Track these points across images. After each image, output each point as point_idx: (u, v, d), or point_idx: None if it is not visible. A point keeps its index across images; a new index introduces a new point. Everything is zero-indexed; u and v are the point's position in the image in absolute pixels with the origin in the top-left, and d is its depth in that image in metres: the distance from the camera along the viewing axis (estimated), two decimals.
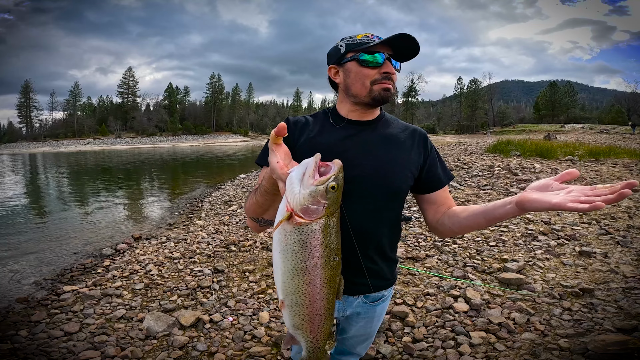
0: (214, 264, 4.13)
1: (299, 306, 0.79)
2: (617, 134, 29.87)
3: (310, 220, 0.73)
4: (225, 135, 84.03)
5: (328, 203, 0.73)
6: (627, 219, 4.90)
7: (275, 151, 0.84)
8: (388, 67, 1.08)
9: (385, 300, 1.25)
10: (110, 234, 6.30)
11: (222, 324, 2.81)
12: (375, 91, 1.08)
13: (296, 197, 0.73)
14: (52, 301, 3.39)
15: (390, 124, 1.19)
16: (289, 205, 0.73)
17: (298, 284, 0.77)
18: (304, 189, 0.72)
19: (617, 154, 10.75)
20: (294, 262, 0.75)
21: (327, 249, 0.76)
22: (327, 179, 0.73)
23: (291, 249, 0.75)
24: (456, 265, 3.71)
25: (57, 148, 52.30)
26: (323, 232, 0.74)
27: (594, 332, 2.33)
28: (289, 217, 0.74)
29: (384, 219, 1.12)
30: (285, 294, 0.79)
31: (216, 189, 10.79)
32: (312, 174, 0.74)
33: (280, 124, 0.83)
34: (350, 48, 1.09)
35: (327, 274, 0.78)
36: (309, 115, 1.23)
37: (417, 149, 1.16)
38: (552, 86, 73.17)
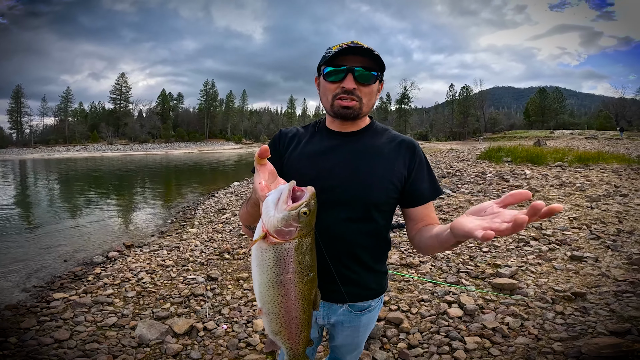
0: (208, 271, 4.09)
1: (275, 314, 0.85)
2: (605, 140, 30.44)
3: (284, 241, 0.79)
4: (218, 142, 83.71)
5: (300, 226, 0.79)
6: (617, 223, 4.98)
7: (260, 171, 0.87)
8: (347, 82, 1.04)
9: (372, 311, 1.23)
10: (101, 242, 6.21)
11: (216, 332, 2.78)
12: (335, 107, 1.07)
13: (270, 220, 0.78)
14: (42, 308, 3.34)
15: (377, 134, 1.17)
16: (264, 227, 0.79)
17: (274, 295, 0.83)
18: (278, 213, 0.78)
19: (605, 160, 10.96)
20: (269, 276, 0.81)
21: (301, 266, 0.82)
22: (299, 205, 0.78)
23: (267, 264, 0.81)
24: (450, 271, 3.73)
25: (47, 154, 51.56)
26: (296, 251, 0.81)
27: (587, 336, 2.36)
28: (264, 237, 0.80)
29: (362, 229, 1.11)
30: (263, 303, 0.85)
31: (209, 197, 10.72)
32: (286, 200, 0.79)
33: (263, 147, 0.85)
34: (322, 61, 1.09)
35: (302, 287, 0.83)
36: (302, 126, 1.24)
37: (402, 160, 1.12)
38: (542, 92, 74.53)
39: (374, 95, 1.11)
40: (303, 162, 1.13)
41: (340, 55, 1.04)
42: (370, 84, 1.07)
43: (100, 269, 4.43)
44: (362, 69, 1.04)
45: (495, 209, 0.70)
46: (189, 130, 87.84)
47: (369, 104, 1.10)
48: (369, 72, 1.05)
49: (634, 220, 5.07)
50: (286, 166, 1.14)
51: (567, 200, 6.42)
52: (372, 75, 1.06)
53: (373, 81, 1.07)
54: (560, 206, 0.61)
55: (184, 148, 65.47)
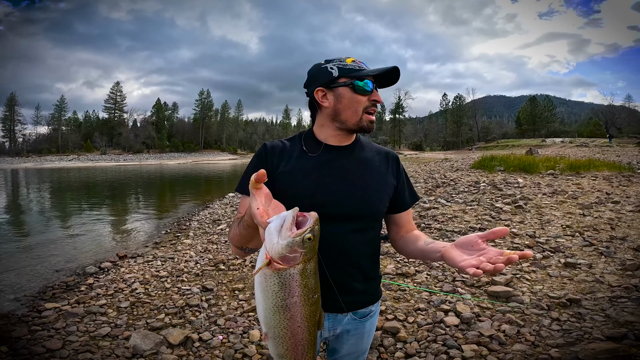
0: (203, 282, 4.05)
1: (281, 338, 0.84)
2: (596, 147, 30.94)
3: (289, 266, 0.79)
4: (213, 152, 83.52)
5: (305, 252, 0.79)
6: (610, 230, 5.04)
7: (256, 195, 0.85)
8: (376, 95, 1.12)
9: (373, 316, 1.26)
10: (94, 252, 6.13)
11: (211, 343, 2.75)
12: (364, 121, 1.12)
13: (274, 247, 0.78)
14: (33, 318, 3.29)
15: (365, 147, 1.20)
16: (268, 254, 0.79)
17: (280, 319, 0.82)
18: (282, 240, 0.78)
19: (596, 167, 11.12)
20: (275, 300, 0.81)
21: (306, 289, 0.82)
22: (304, 231, 0.78)
23: (271, 290, 0.81)
24: (445, 280, 3.73)
25: (40, 164, 51.04)
26: (301, 276, 0.81)
27: (583, 341, 2.37)
28: (268, 264, 0.79)
29: (364, 239, 1.15)
30: (268, 328, 0.85)
31: (204, 208, 10.66)
32: (290, 227, 0.79)
33: (260, 171, 0.83)
34: (344, 73, 1.09)
35: (307, 309, 0.84)
36: (286, 139, 1.22)
37: (391, 171, 1.20)
38: (532, 101, 75.78)
39: None
40: (299, 178, 1.11)
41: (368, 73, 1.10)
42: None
43: (93, 280, 4.37)
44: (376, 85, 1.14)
45: (481, 245, 0.85)
46: (184, 140, 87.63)
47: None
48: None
49: (626, 227, 5.14)
50: (280, 183, 1.10)
51: (560, 208, 6.49)
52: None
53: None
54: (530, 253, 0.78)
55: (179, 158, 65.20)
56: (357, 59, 1.12)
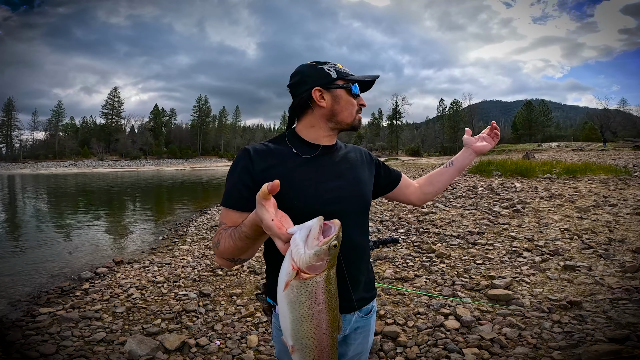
0: (200, 287, 4.01)
1: (308, 348, 0.86)
2: (591, 151, 31.16)
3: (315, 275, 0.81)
4: (211, 159, 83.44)
5: (330, 259, 0.82)
6: (608, 232, 5.04)
7: (266, 207, 0.82)
8: (362, 100, 1.22)
9: (374, 312, 1.30)
10: (90, 257, 6.07)
11: (208, 348, 2.71)
12: (356, 120, 1.20)
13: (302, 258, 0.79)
14: (27, 322, 3.25)
15: (344, 147, 1.29)
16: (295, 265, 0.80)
17: (307, 329, 0.84)
18: (309, 249, 0.79)
19: (593, 171, 11.16)
20: (302, 311, 0.83)
21: (330, 295, 0.84)
22: (330, 239, 0.81)
23: (298, 301, 0.82)
24: (445, 284, 3.71)
25: (36, 170, 50.76)
26: (326, 282, 0.83)
27: (586, 344, 2.35)
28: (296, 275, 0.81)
29: (362, 232, 1.21)
30: (295, 340, 0.86)
31: (202, 214, 10.60)
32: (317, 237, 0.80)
33: (275, 182, 0.80)
34: (341, 76, 1.15)
35: (331, 315, 0.86)
36: (269, 141, 1.19)
37: (367, 164, 1.30)
38: (528, 106, 76.35)
39: None
40: (297, 181, 1.09)
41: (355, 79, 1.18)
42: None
43: (89, 285, 4.32)
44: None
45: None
46: (182, 146, 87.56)
47: None
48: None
49: (624, 229, 5.14)
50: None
51: (557, 212, 6.50)
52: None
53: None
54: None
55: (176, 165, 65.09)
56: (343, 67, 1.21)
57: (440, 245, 5.00)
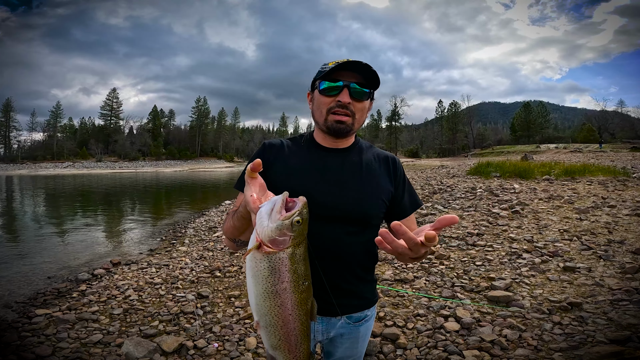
0: (198, 289, 3.98)
1: (273, 327, 0.85)
2: (590, 152, 31.24)
3: (278, 250, 0.81)
4: (210, 160, 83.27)
5: (294, 235, 0.82)
6: (607, 233, 5.04)
7: (251, 184, 0.88)
8: (342, 96, 1.06)
9: (368, 320, 1.24)
10: (88, 259, 6.03)
11: (207, 350, 2.68)
12: (329, 121, 1.09)
13: (264, 230, 0.81)
14: (24, 324, 3.22)
15: (363, 151, 1.20)
16: (258, 237, 0.81)
17: (270, 306, 0.83)
18: (272, 222, 0.81)
19: (591, 172, 11.17)
20: (265, 286, 0.82)
21: (295, 275, 0.83)
22: (292, 214, 0.81)
23: (261, 274, 0.82)
24: (444, 286, 3.69)
25: (34, 171, 50.53)
26: (290, 260, 0.82)
27: (587, 345, 2.33)
28: (258, 247, 0.82)
29: (357, 243, 1.13)
30: (260, 315, 0.85)
31: (200, 215, 10.57)
32: (280, 210, 0.81)
33: (256, 160, 0.86)
34: (317, 76, 1.10)
35: (298, 296, 0.84)
36: (287, 138, 1.23)
37: (387, 176, 1.18)
38: (526, 107, 76.49)
39: (365, 112, 1.13)
40: (293, 177, 1.12)
41: (337, 70, 1.06)
42: (363, 100, 1.09)
43: (86, 286, 4.29)
44: (357, 85, 1.07)
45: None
46: (180, 148, 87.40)
47: (360, 120, 1.12)
48: (362, 88, 1.08)
49: (623, 230, 5.13)
50: (274, 181, 1.10)
51: (556, 213, 6.49)
52: (366, 92, 1.09)
53: (366, 97, 1.10)
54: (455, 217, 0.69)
55: (175, 166, 64.93)
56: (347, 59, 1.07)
57: (440, 247, 4.98)
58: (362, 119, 1.13)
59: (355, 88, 1.07)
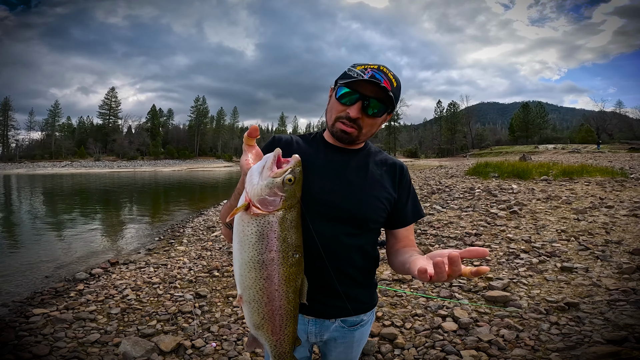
0: (196, 289, 3.98)
1: (257, 302, 0.78)
2: (588, 153, 31.32)
3: (267, 212, 0.75)
4: (208, 160, 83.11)
5: (285, 196, 0.75)
6: (605, 234, 5.05)
7: (247, 151, 0.89)
8: (353, 111, 1.02)
9: (364, 325, 1.21)
10: (85, 258, 6.01)
11: (204, 350, 2.68)
12: (335, 127, 1.08)
13: (254, 188, 0.75)
14: (21, 323, 3.21)
15: (371, 155, 1.18)
16: (247, 196, 0.75)
17: (255, 278, 0.76)
18: (262, 180, 0.75)
19: (589, 173, 11.20)
20: (251, 254, 0.75)
21: (285, 244, 0.77)
22: (284, 171, 0.75)
23: (248, 240, 0.75)
24: (442, 286, 3.70)
25: (32, 170, 50.33)
26: (280, 226, 0.76)
27: (584, 345, 2.34)
28: (246, 207, 0.75)
29: (355, 245, 1.10)
30: (243, 288, 0.79)
31: (199, 215, 10.55)
32: (270, 166, 0.76)
33: (253, 126, 0.86)
34: (341, 77, 1.07)
35: (286, 270, 0.77)
36: (298, 135, 1.22)
37: (391, 182, 1.15)
38: (525, 108, 76.65)
39: (377, 126, 1.10)
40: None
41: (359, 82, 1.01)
42: (376, 117, 1.05)
43: (83, 286, 4.27)
44: (375, 101, 1.02)
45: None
46: (179, 147, 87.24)
47: (368, 133, 1.10)
48: (379, 105, 1.03)
49: (621, 231, 5.15)
50: None
51: (554, 213, 6.51)
52: (381, 110, 1.05)
53: (380, 115, 1.05)
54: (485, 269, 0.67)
55: (174, 165, 64.78)
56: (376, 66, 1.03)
57: (438, 247, 4.98)
58: (370, 132, 1.10)
59: (372, 104, 1.02)
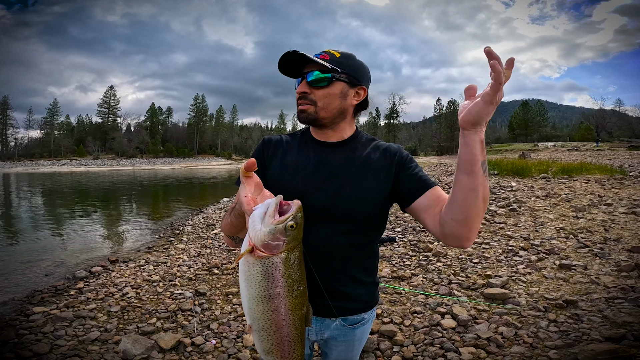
0: (196, 287, 3.98)
1: (266, 331, 0.83)
2: (587, 151, 31.34)
3: (271, 254, 0.79)
4: (208, 158, 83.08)
5: (287, 240, 0.79)
6: (603, 231, 5.07)
7: (246, 184, 0.86)
8: (299, 87, 1.06)
9: (365, 324, 1.20)
10: (85, 257, 6.02)
11: (204, 347, 2.69)
12: (298, 113, 1.09)
13: (257, 234, 0.78)
14: (21, 322, 3.21)
15: (361, 145, 1.13)
16: (251, 241, 0.79)
17: (263, 310, 0.81)
18: (265, 227, 0.78)
19: (588, 170, 11.22)
20: (258, 290, 0.80)
21: (290, 279, 0.81)
22: (286, 218, 0.78)
23: (254, 279, 0.80)
24: (441, 283, 3.71)
25: (31, 168, 50.29)
26: (284, 265, 0.80)
27: (582, 343, 2.35)
28: (251, 251, 0.79)
29: (353, 242, 1.08)
30: (252, 319, 0.83)
31: (198, 213, 10.55)
32: (273, 214, 0.79)
33: (251, 160, 0.84)
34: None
35: (292, 301, 0.82)
36: (288, 134, 1.20)
37: (386, 168, 1.08)
38: (524, 106, 76.64)
39: (334, 98, 1.05)
40: (288, 174, 1.09)
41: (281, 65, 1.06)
42: (323, 87, 1.04)
43: (83, 284, 4.28)
44: (315, 72, 1.03)
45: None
46: (178, 145, 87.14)
47: (327, 107, 1.05)
48: (320, 75, 1.03)
49: (619, 229, 5.16)
50: (270, 177, 1.10)
51: (553, 211, 6.52)
52: (323, 78, 1.03)
53: (326, 84, 1.04)
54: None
55: (173, 163, 64.74)
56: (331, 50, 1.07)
57: (437, 244, 4.99)
58: (330, 106, 1.05)
59: (311, 76, 1.04)
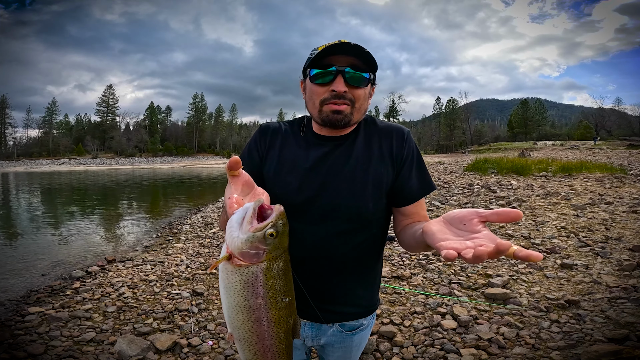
0: (193, 286, 3.94)
1: (247, 341, 0.77)
2: (586, 149, 31.34)
3: (251, 264, 0.71)
4: (207, 156, 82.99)
5: (269, 249, 0.71)
6: (604, 230, 5.03)
7: (232, 183, 0.78)
8: (337, 85, 0.93)
9: (364, 329, 1.13)
10: (82, 256, 5.98)
11: (201, 348, 2.65)
12: (324, 112, 0.96)
13: (234, 241, 0.70)
14: (16, 322, 3.18)
15: (364, 134, 1.05)
16: (228, 248, 0.71)
17: (243, 320, 0.74)
18: (242, 234, 0.70)
19: (588, 169, 11.18)
20: (237, 299, 0.73)
21: (272, 290, 0.73)
22: (265, 226, 0.70)
23: (233, 287, 0.72)
24: (441, 283, 3.67)
25: (30, 167, 50.22)
26: (266, 275, 0.72)
27: (585, 343, 2.31)
28: (228, 258, 0.71)
29: (352, 244, 1.01)
30: (232, 328, 0.77)
31: (197, 212, 10.51)
32: (250, 220, 0.70)
33: (234, 158, 0.76)
34: (307, 62, 0.98)
35: (275, 313, 0.75)
36: (286, 121, 1.12)
37: (390, 155, 1.02)
38: (524, 104, 76.69)
39: (367, 99, 0.99)
40: (284, 169, 1.02)
41: (327, 55, 0.93)
42: (362, 87, 0.96)
43: (80, 284, 4.24)
44: (352, 69, 0.93)
45: (476, 226, 0.63)
46: (177, 144, 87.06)
47: (361, 109, 0.98)
48: (359, 73, 0.94)
49: (620, 227, 5.13)
50: (267, 171, 1.03)
51: (554, 209, 6.49)
52: (364, 77, 0.95)
53: (365, 84, 0.96)
54: (540, 255, 0.53)
55: (172, 162, 64.65)
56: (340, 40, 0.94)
57: None
58: (363, 107, 0.98)
59: (351, 73, 0.93)
